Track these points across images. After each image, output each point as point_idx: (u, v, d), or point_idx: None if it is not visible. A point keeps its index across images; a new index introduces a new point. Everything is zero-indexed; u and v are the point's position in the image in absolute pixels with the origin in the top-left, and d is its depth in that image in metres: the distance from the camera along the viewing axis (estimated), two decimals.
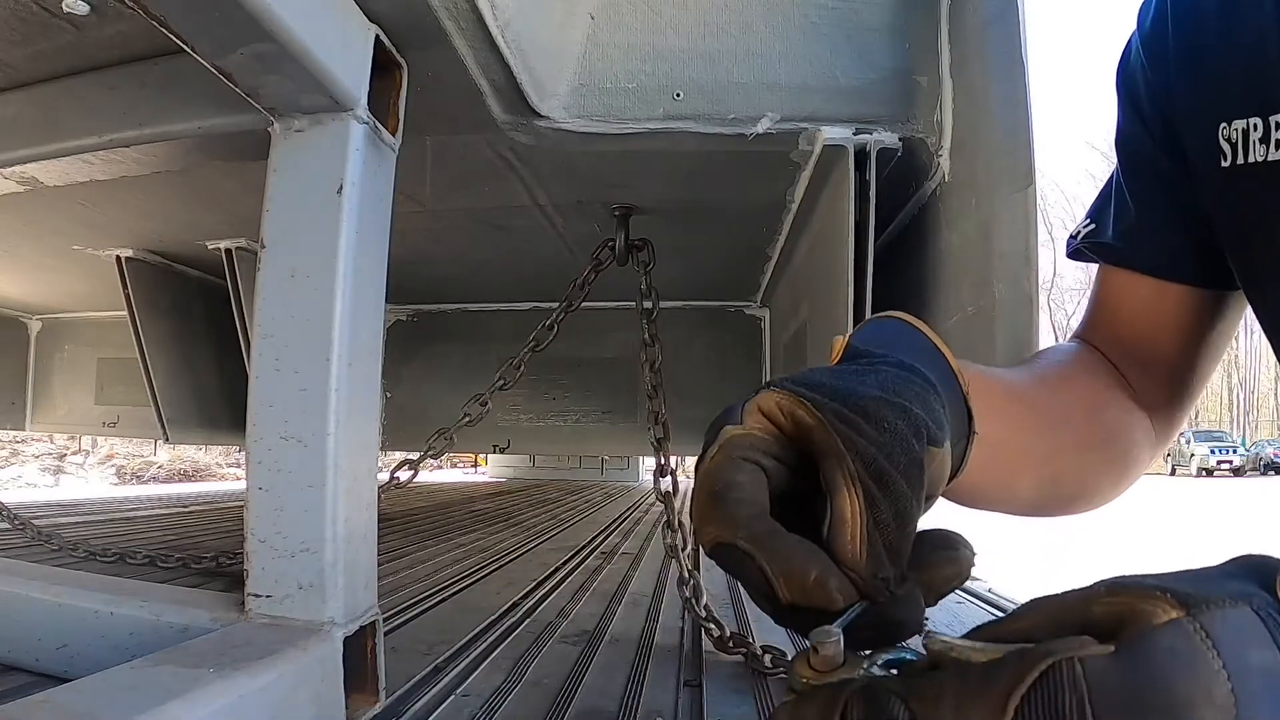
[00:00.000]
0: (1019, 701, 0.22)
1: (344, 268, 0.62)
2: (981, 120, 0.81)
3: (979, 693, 0.22)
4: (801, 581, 0.29)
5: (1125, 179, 0.60)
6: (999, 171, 0.78)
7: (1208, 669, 0.21)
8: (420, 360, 2.40)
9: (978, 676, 0.23)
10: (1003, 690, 0.22)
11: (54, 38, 0.87)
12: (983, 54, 0.80)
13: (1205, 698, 0.21)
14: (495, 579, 1.38)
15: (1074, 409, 0.54)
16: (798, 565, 0.29)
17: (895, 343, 0.39)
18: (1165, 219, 0.57)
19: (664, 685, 0.78)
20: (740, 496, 0.31)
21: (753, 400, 0.33)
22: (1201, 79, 0.51)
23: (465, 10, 0.68)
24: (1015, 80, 0.78)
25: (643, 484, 4.66)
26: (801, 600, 0.29)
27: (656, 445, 1.04)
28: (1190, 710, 0.21)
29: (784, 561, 0.29)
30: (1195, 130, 0.52)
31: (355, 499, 0.64)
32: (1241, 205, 0.50)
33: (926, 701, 0.23)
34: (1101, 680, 0.22)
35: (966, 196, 0.84)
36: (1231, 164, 0.49)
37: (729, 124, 0.92)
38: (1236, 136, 0.48)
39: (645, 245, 1.19)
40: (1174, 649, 0.22)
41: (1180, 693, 0.21)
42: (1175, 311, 0.58)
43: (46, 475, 6.63)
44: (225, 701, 0.48)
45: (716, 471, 0.32)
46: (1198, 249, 0.56)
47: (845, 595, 0.29)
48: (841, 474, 0.30)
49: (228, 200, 1.36)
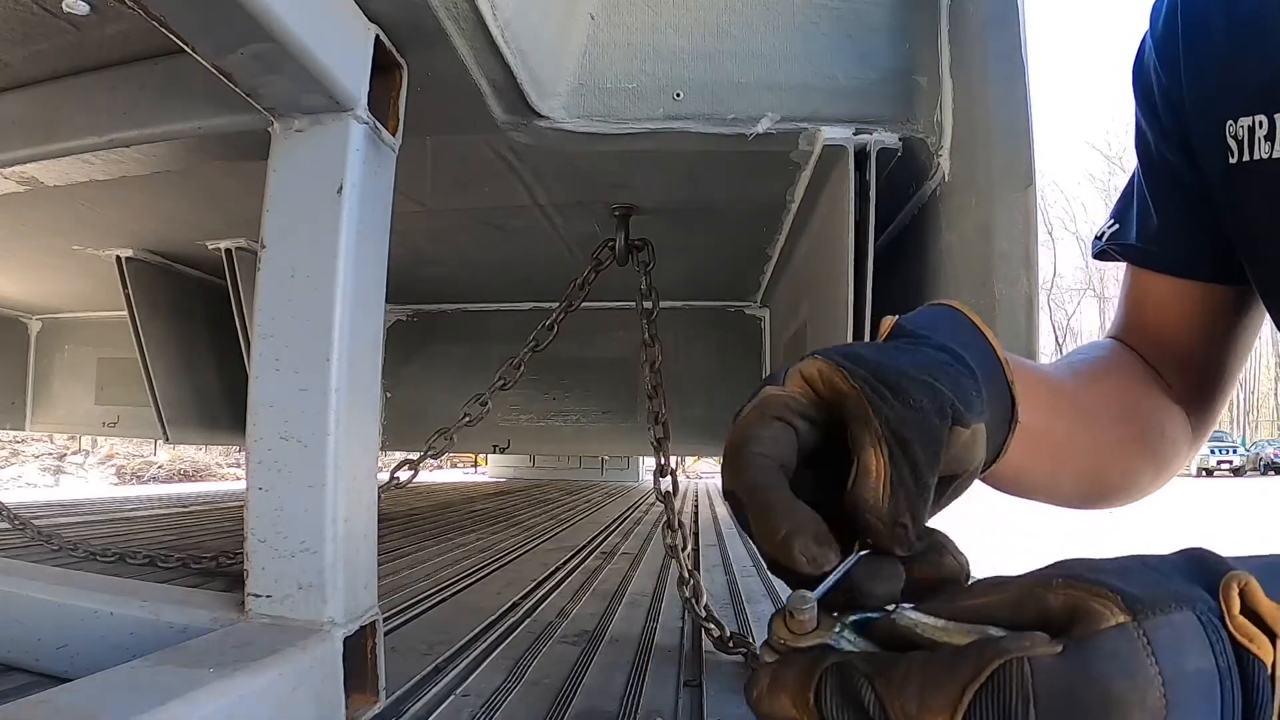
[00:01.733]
0: (973, 694, 0.24)
1: (344, 268, 0.62)
2: (981, 120, 0.81)
3: (939, 683, 0.25)
4: (771, 536, 0.30)
5: (1144, 179, 0.60)
6: (999, 171, 0.79)
7: (1144, 674, 0.23)
8: (420, 360, 2.40)
9: (938, 667, 0.25)
10: (959, 683, 0.24)
11: (54, 38, 0.87)
12: (983, 54, 0.80)
13: (1139, 702, 0.23)
14: (495, 579, 1.38)
15: (1113, 404, 0.55)
16: (773, 520, 0.30)
17: (943, 327, 0.40)
18: (1184, 219, 0.57)
19: (664, 685, 0.78)
20: (760, 450, 0.32)
21: (796, 365, 0.35)
22: (1208, 77, 0.52)
23: (465, 10, 0.68)
24: (1015, 80, 0.78)
25: (643, 484, 4.66)
26: (771, 553, 0.31)
27: (656, 445, 1.04)
28: (1123, 713, 0.23)
29: (763, 515, 0.31)
30: (1203, 128, 0.52)
31: (355, 499, 0.64)
32: (1248, 201, 0.50)
33: (893, 686, 0.25)
34: (1046, 679, 0.24)
35: (966, 197, 0.84)
36: (1238, 161, 0.49)
37: (729, 124, 0.92)
38: (1243, 134, 0.48)
39: (645, 245, 1.19)
40: (1116, 653, 0.24)
41: (1115, 696, 0.23)
42: (1200, 309, 0.59)
43: (46, 475, 6.63)
44: (225, 701, 0.48)
45: (746, 425, 0.33)
46: (1217, 247, 0.56)
47: (810, 559, 0.30)
48: (869, 434, 0.31)
49: (228, 200, 1.36)
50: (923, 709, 0.25)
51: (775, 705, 0.28)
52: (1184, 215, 0.57)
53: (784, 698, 0.28)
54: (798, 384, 0.34)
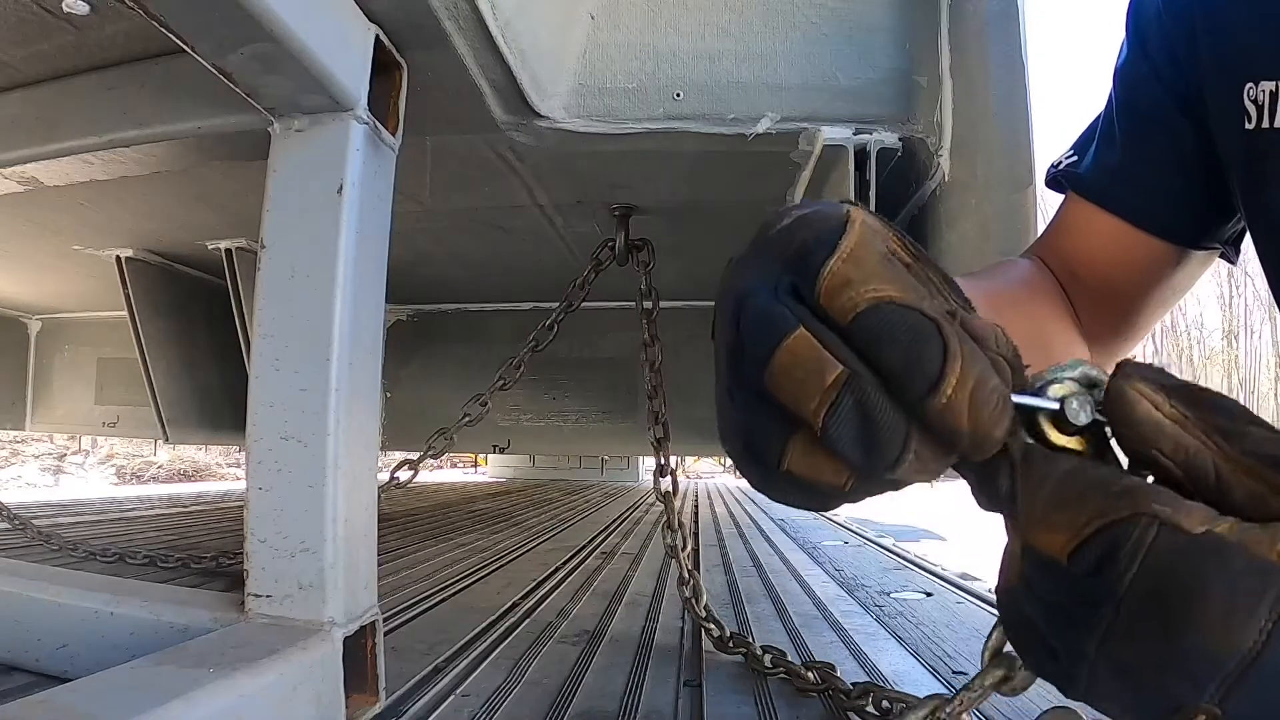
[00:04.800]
0: (1090, 532, 0.23)
1: (344, 268, 0.62)
2: (981, 120, 0.81)
3: (1066, 506, 0.23)
4: (982, 385, 0.24)
5: (1120, 115, 0.58)
6: (999, 171, 0.78)
7: (1247, 615, 0.21)
8: (420, 360, 2.39)
9: (1076, 490, 0.24)
10: (1087, 513, 0.23)
11: (54, 38, 0.87)
12: (983, 54, 0.80)
13: (1222, 633, 0.21)
14: (495, 579, 1.38)
15: (1024, 333, 0.54)
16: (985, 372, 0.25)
17: None
18: (1157, 166, 0.56)
19: (664, 685, 0.78)
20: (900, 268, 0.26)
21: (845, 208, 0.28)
22: (1228, 38, 0.50)
23: (465, 10, 0.68)
24: (1015, 80, 0.78)
25: (643, 484, 4.66)
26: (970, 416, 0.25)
27: (656, 445, 1.04)
28: (1199, 630, 0.21)
29: (972, 363, 0.25)
30: (1218, 89, 0.50)
31: (355, 499, 0.64)
32: (1266, 168, 0.49)
33: (1030, 483, 0.24)
34: (1162, 552, 0.22)
35: (966, 196, 0.84)
36: (1256, 127, 0.48)
37: (729, 124, 0.91)
38: (1264, 99, 0.47)
39: (645, 245, 1.19)
40: (1237, 580, 0.21)
41: (1204, 614, 0.21)
42: (1135, 258, 0.58)
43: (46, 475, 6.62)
44: (225, 701, 0.48)
45: (877, 235, 0.26)
46: (1181, 202, 0.55)
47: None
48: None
49: (228, 200, 1.35)
50: (1046, 519, 0.24)
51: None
52: (1158, 164, 0.56)
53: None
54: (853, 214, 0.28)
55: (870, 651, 0.94)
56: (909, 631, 1.04)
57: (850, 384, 0.25)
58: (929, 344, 0.24)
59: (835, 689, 0.74)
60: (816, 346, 0.25)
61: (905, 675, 0.85)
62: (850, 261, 0.25)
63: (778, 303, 0.26)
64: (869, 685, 0.72)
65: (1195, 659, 0.22)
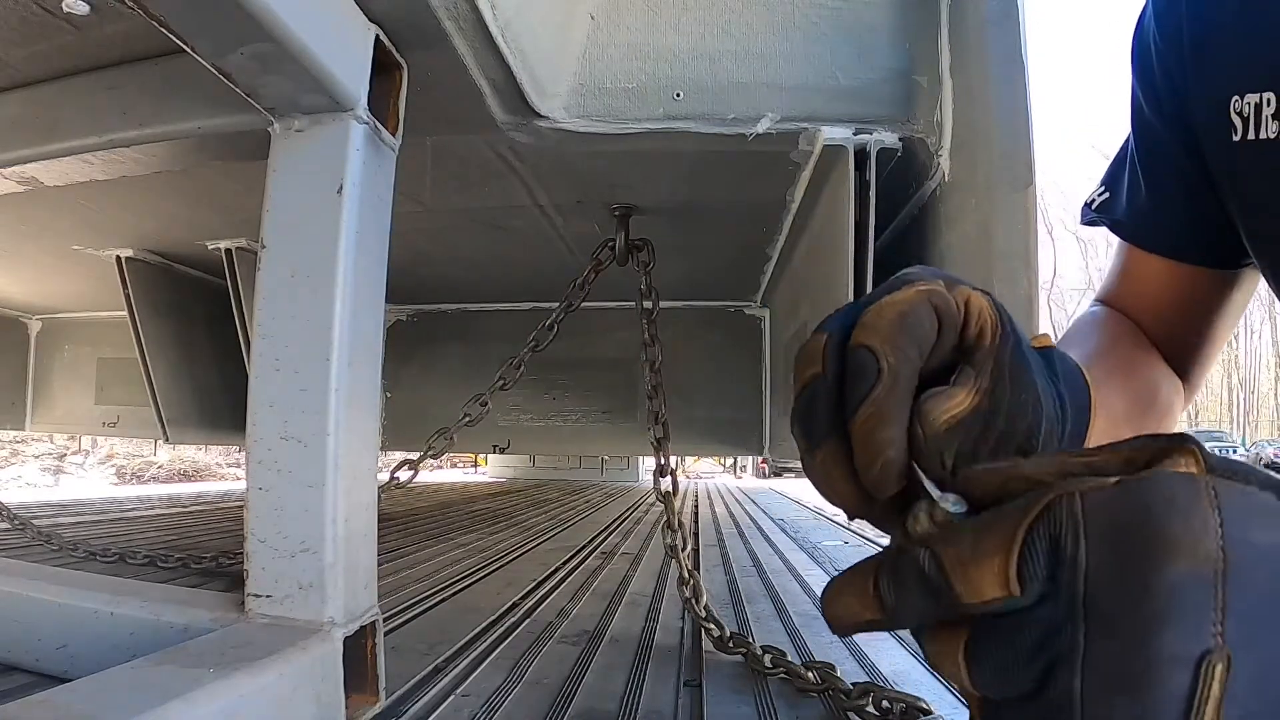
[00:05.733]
0: (1024, 531, 0.24)
1: (344, 268, 0.62)
2: (981, 120, 0.81)
3: (994, 527, 0.24)
4: (874, 441, 0.29)
5: (1137, 153, 0.61)
6: (999, 171, 0.78)
7: (1201, 520, 0.22)
8: (420, 360, 2.40)
9: (994, 514, 0.25)
10: (1013, 523, 0.24)
11: (54, 38, 0.87)
12: (983, 54, 0.80)
13: (1190, 546, 0.22)
14: (495, 579, 1.38)
15: (1123, 373, 0.56)
16: (886, 432, 0.29)
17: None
18: (1175, 200, 0.58)
19: (664, 685, 0.78)
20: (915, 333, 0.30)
21: (959, 285, 0.32)
22: (1216, 52, 0.51)
23: (465, 10, 0.68)
24: (1015, 80, 0.78)
25: (643, 484, 4.66)
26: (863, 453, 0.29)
27: (656, 445, 1.04)
28: (1171, 553, 0.22)
29: (877, 414, 0.29)
30: (1206, 103, 0.52)
31: (355, 499, 0.64)
32: (1252, 179, 0.50)
33: (949, 542, 0.25)
34: (1097, 511, 0.23)
35: (966, 196, 0.84)
36: (1242, 138, 0.49)
37: (729, 124, 0.91)
38: (1249, 110, 0.48)
39: (645, 245, 1.19)
40: (1174, 495, 0.22)
41: (1165, 533, 0.22)
42: (1185, 289, 0.60)
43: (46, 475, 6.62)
44: (225, 701, 0.48)
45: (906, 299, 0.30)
46: (1207, 229, 0.56)
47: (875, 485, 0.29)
48: (990, 366, 0.31)
49: (228, 200, 1.35)
50: (978, 553, 0.24)
51: (839, 608, 0.28)
52: (1175, 197, 0.58)
53: (847, 598, 0.28)
54: (961, 298, 0.32)
55: (870, 651, 0.94)
56: (909, 631, 1.04)
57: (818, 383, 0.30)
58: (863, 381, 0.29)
59: (835, 689, 0.74)
60: (820, 348, 0.31)
61: (905, 675, 0.85)
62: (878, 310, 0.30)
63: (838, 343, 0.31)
64: (869, 685, 0.72)
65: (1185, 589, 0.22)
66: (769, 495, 4.16)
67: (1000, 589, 0.24)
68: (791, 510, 3.10)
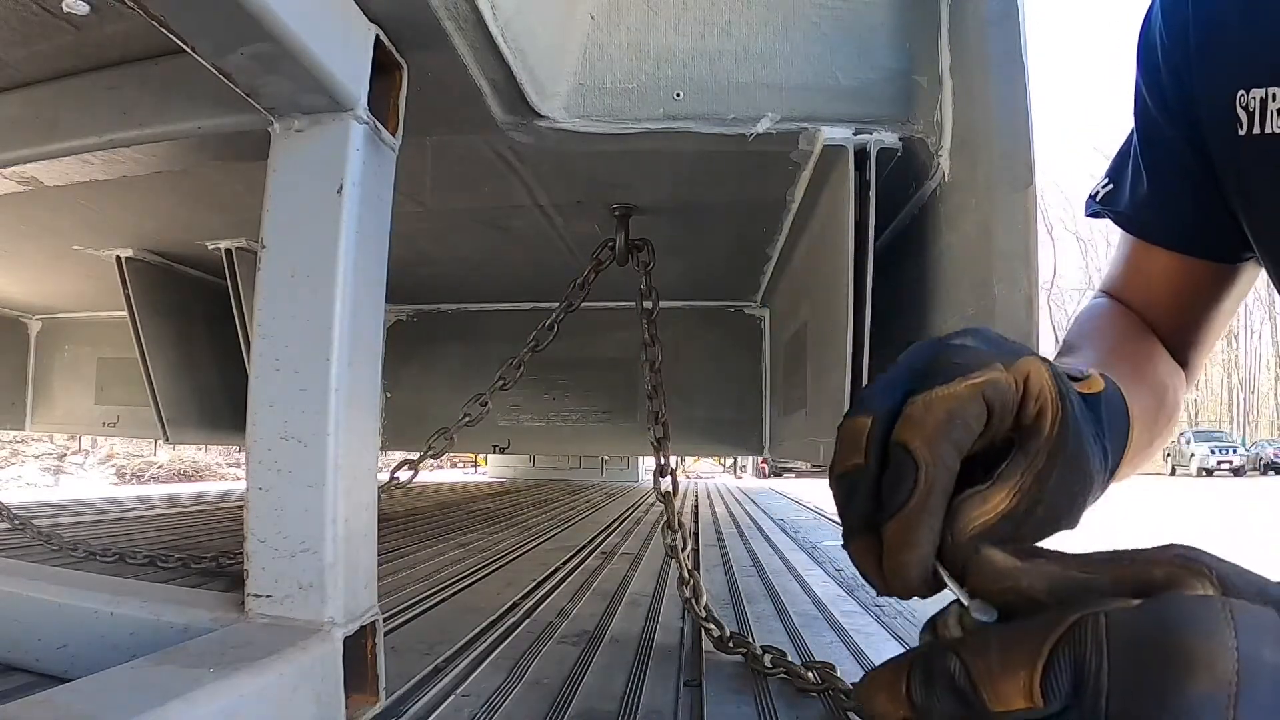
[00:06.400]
0: (1049, 648, 0.25)
1: (344, 268, 0.62)
2: (981, 120, 0.81)
3: (1021, 641, 0.26)
4: (905, 544, 0.31)
5: (1140, 148, 0.61)
6: (999, 171, 0.78)
7: (1221, 640, 0.23)
8: (420, 360, 2.40)
9: (1022, 628, 0.26)
10: (1039, 639, 0.25)
11: (54, 38, 0.87)
12: (983, 54, 0.80)
13: (1209, 665, 0.23)
14: (495, 579, 1.38)
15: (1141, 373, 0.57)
16: (916, 534, 0.31)
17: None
18: (1178, 194, 0.58)
19: (664, 685, 0.78)
20: (958, 435, 0.32)
21: (1022, 357, 0.34)
22: (1222, 47, 0.51)
23: (465, 10, 0.68)
24: (1015, 80, 0.78)
25: (643, 484, 4.66)
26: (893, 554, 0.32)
27: (656, 445, 1.04)
28: (1193, 671, 0.23)
29: (910, 519, 0.31)
30: (1212, 98, 0.52)
31: (355, 499, 0.64)
32: (1257, 174, 0.50)
33: (977, 652, 0.27)
34: (1120, 630, 0.24)
35: (966, 196, 0.84)
36: (1248, 132, 0.49)
37: (729, 124, 0.91)
38: (1254, 105, 0.48)
39: (645, 245, 1.19)
40: (1196, 615, 0.24)
41: (1188, 652, 0.23)
42: (1190, 281, 0.61)
43: (46, 475, 6.63)
44: (225, 701, 0.48)
45: (955, 396, 0.32)
46: (1210, 224, 0.57)
47: (905, 586, 0.32)
48: (1037, 461, 0.33)
49: (228, 200, 1.35)
50: (1005, 666, 0.26)
51: (873, 705, 0.30)
52: (1180, 193, 0.58)
53: (880, 696, 0.29)
54: (1020, 375, 0.33)
55: (870, 651, 0.94)
56: (909, 631, 1.04)
57: (859, 474, 0.33)
58: (900, 488, 0.31)
59: (835, 689, 0.74)
60: (863, 436, 0.33)
61: None
62: (926, 405, 0.32)
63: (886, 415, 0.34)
64: None
65: (1202, 710, 0.23)
66: (769, 495, 4.16)
67: (1025, 700, 0.25)
68: (791, 510, 3.10)
